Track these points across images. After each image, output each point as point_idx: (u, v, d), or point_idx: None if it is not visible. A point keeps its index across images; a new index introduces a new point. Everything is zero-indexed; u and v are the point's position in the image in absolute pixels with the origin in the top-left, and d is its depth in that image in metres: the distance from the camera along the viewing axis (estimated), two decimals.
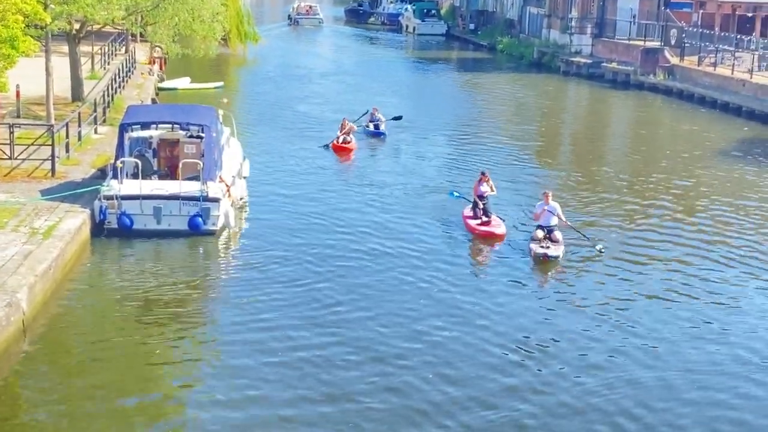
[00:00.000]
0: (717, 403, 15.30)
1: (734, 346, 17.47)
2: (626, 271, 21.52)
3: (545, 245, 21.91)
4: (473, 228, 23.78)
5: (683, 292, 20.22)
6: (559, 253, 21.75)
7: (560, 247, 21.96)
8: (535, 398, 15.08)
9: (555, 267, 21.49)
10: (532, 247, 22.00)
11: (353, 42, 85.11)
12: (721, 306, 19.55)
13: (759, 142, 39.63)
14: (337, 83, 54.43)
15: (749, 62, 48.78)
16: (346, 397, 14.88)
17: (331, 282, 19.99)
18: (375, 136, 36.37)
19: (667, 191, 29.71)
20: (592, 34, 63.30)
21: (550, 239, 22.18)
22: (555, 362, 16.52)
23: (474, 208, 24.24)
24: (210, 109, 26.38)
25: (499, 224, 23.78)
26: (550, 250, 21.79)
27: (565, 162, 35.75)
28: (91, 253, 21.52)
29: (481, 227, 23.68)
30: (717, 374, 16.31)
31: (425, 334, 17.51)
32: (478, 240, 23.46)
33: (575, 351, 16.98)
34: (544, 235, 22.24)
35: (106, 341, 16.80)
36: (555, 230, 22.39)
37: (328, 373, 15.64)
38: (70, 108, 33.67)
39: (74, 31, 36.01)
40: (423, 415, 14.41)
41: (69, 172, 25.65)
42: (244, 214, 24.96)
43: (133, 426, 13.85)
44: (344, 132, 34.02)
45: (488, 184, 24.52)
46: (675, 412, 14.84)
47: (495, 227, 23.64)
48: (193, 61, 46.10)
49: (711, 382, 15.97)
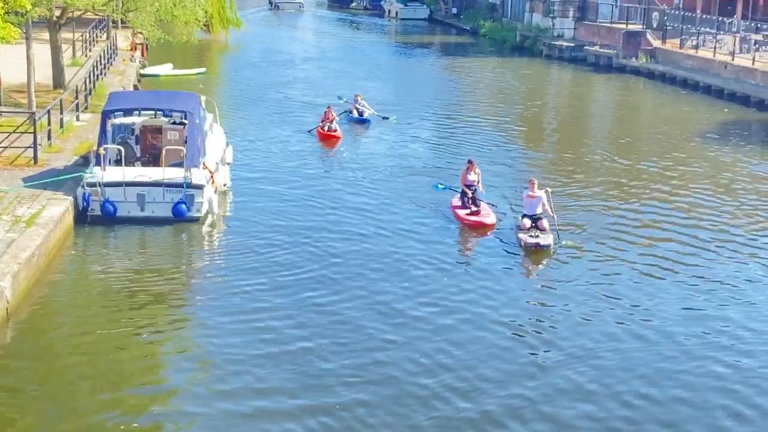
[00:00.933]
0: (713, 388, 15.42)
1: (725, 323, 17.70)
2: (613, 251, 21.67)
3: (534, 234, 21.55)
4: (462, 218, 23.43)
5: (668, 269, 20.55)
6: (550, 242, 21.42)
7: (549, 235, 21.64)
8: (531, 384, 15.10)
9: (545, 255, 21.23)
10: (520, 237, 21.64)
11: (336, 27, 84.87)
12: (708, 285, 19.75)
13: (740, 123, 39.84)
14: (319, 68, 54.31)
15: (731, 45, 48.91)
16: (332, 382, 14.90)
17: (314, 266, 20.00)
18: (360, 123, 36.02)
19: (648, 173, 29.80)
20: (575, 18, 63.39)
21: (537, 227, 21.84)
22: (549, 349, 16.55)
23: (462, 198, 23.94)
24: (193, 96, 26.32)
25: (488, 213, 23.45)
26: (540, 239, 21.41)
27: (547, 146, 35.81)
28: (74, 240, 21.48)
29: (470, 217, 23.31)
30: (705, 350, 16.51)
31: (418, 320, 17.52)
32: (466, 230, 23.14)
33: (568, 336, 17.07)
34: (531, 224, 21.91)
35: (90, 329, 16.78)
36: (542, 218, 22.04)
37: (314, 358, 15.66)
38: (51, 95, 33.53)
39: (55, 18, 35.82)
40: (415, 398, 14.48)
41: (51, 159, 25.57)
42: (227, 201, 24.95)
43: (117, 412, 13.84)
44: (329, 120, 33.52)
45: (475, 173, 24.23)
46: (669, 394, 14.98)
47: (484, 217, 23.27)
48: (174, 48, 45.91)
49: (697, 355, 16.13)
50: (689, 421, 14.20)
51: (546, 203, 22.32)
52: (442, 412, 14.16)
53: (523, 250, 21.46)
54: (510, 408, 14.35)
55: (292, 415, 13.89)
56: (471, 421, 13.97)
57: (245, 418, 13.82)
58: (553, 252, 21.35)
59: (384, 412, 14.08)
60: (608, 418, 14.18)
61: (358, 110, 36.32)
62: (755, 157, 32.86)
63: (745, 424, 14.17)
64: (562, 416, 14.18)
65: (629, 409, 14.45)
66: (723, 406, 14.66)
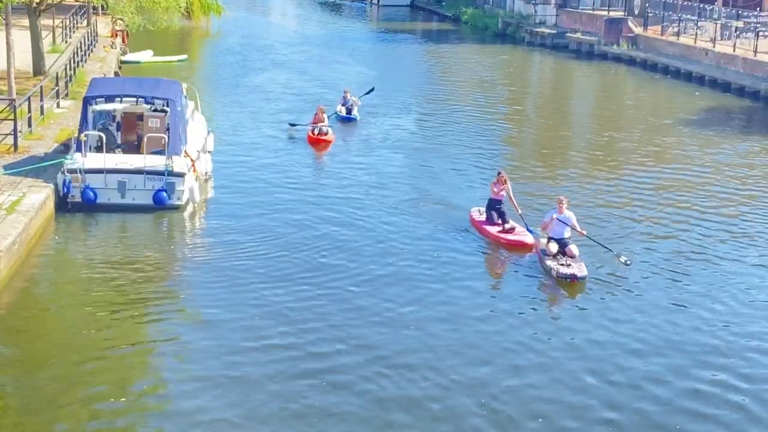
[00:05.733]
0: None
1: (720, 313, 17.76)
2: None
3: (565, 262, 18.89)
4: (494, 236, 20.77)
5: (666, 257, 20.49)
6: (586, 273, 18.67)
7: (582, 264, 18.97)
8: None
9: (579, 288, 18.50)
10: (550, 265, 18.87)
11: (318, 13, 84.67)
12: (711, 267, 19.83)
13: (720, 109, 40.02)
14: (301, 54, 54.13)
15: (712, 31, 49.10)
16: (314, 374, 14.93)
17: (294, 255, 19.97)
18: (347, 121, 34.25)
19: (631, 160, 29.93)
20: (557, 5, 63.46)
21: (565, 254, 19.22)
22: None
23: (488, 211, 21.39)
24: (174, 83, 26.22)
25: (524, 232, 20.84)
26: (575, 268, 18.66)
27: (530, 136, 35.81)
28: (55, 227, 21.42)
29: (506, 236, 20.70)
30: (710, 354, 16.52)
31: (420, 330, 17.11)
32: (486, 250, 20.81)
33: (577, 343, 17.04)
34: (559, 250, 19.31)
35: (72, 316, 16.75)
36: (570, 243, 19.42)
37: (297, 347, 15.70)
38: (31, 82, 33.35)
39: (35, 4, 35.56)
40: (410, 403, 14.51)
41: (32, 146, 25.45)
42: (208, 189, 24.89)
43: (98, 401, 13.82)
44: (320, 121, 31.10)
45: (503, 185, 21.40)
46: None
47: (522, 236, 20.70)
48: (155, 34, 45.72)
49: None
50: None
51: (576, 225, 19.83)
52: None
53: (554, 281, 18.79)
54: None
55: (273, 405, 13.91)
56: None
57: (228, 406, 13.83)
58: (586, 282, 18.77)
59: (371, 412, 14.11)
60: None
61: (346, 108, 34.50)
62: (736, 142, 33.04)
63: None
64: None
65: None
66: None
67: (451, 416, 13.72)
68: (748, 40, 46.05)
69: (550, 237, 19.62)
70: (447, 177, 27.08)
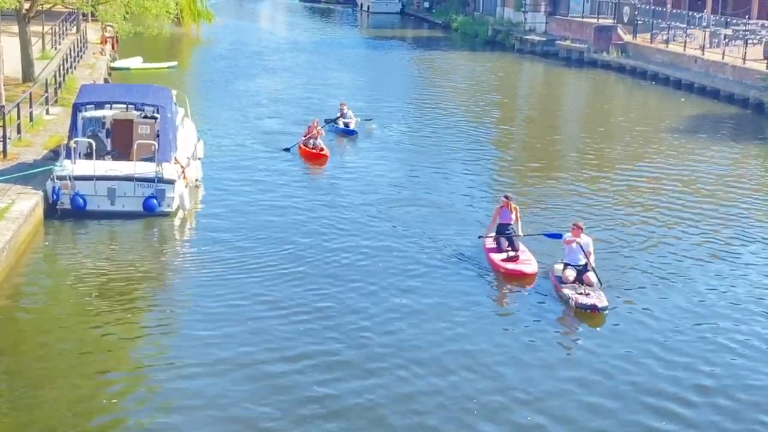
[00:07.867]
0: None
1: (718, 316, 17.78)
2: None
3: (583, 291, 17.85)
4: (496, 264, 19.66)
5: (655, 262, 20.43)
6: (606, 303, 17.57)
7: (602, 294, 17.93)
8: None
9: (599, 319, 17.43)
10: (567, 294, 17.83)
11: (308, 20, 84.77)
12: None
13: (710, 117, 40.15)
14: (291, 62, 54.16)
15: (701, 39, 49.29)
16: (302, 380, 14.91)
17: (286, 262, 19.90)
18: (346, 134, 33.25)
19: (619, 168, 30.00)
20: (546, 12, 63.70)
21: (583, 281, 18.24)
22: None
23: (497, 238, 20.32)
24: (164, 90, 26.18)
25: (528, 260, 19.72)
26: (595, 298, 17.62)
27: (519, 144, 35.87)
28: (44, 234, 21.34)
29: (506, 264, 19.57)
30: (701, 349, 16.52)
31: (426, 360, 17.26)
32: (500, 280, 19.49)
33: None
34: (576, 278, 18.36)
35: (61, 323, 16.68)
36: (588, 271, 18.38)
37: (285, 351, 15.68)
38: (21, 89, 33.25)
39: (24, 10, 35.51)
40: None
41: (21, 153, 25.38)
42: (198, 196, 24.85)
43: (87, 407, 13.77)
44: (311, 136, 29.96)
45: (512, 210, 20.47)
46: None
47: (523, 264, 19.56)
48: (145, 41, 45.67)
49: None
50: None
51: (591, 253, 18.75)
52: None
53: (572, 311, 17.64)
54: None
55: (259, 411, 13.89)
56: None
57: (216, 414, 13.80)
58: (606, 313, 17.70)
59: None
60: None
61: (344, 122, 33.59)
62: (724, 151, 33.13)
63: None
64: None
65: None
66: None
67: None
68: (737, 47, 46.26)
69: (566, 263, 18.62)
70: (450, 194, 25.90)
